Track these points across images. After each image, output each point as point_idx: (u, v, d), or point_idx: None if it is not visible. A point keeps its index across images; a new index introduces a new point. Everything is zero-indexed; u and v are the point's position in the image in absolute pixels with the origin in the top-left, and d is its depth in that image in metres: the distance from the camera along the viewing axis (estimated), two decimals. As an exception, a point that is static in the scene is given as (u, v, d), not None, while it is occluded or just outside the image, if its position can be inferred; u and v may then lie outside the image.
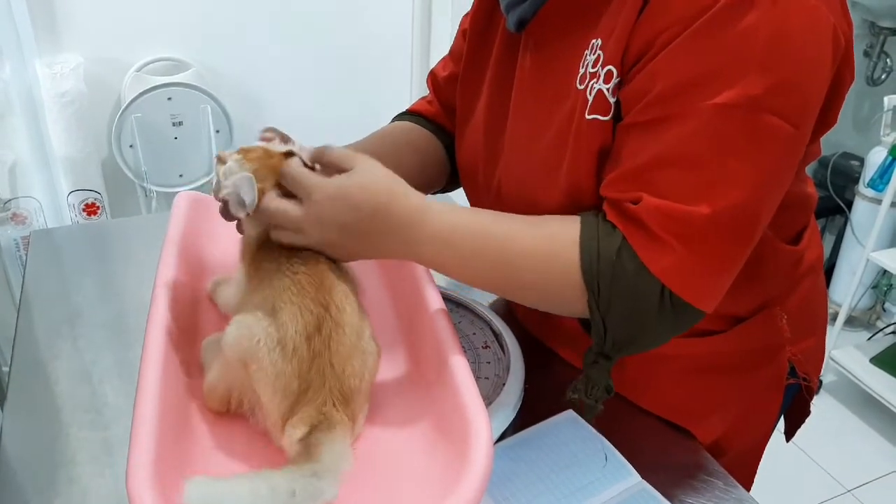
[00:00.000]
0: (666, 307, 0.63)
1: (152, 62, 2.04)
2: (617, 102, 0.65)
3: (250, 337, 0.62)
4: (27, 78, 1.88)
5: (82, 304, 1.03)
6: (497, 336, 0.86)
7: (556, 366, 0.90)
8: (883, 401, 2.12)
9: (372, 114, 2.43)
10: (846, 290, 2.32)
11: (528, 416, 0.80)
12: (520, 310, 0.95)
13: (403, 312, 0.82)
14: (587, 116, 0.67)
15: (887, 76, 2.73)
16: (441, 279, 0.81)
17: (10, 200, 1.90)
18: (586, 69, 0.68)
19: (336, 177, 0.66)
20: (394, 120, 1.02)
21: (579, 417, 0.80)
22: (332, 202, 0.65)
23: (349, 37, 2.25)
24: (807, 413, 0.95)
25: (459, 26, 0.96)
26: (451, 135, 0.96)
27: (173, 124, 2.02)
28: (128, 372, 0.89)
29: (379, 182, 0.66)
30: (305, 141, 0.71)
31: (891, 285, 2.59)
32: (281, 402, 0.62)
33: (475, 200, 0.90)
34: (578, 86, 0.69)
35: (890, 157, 2.26)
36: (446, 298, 0.93)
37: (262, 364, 0.61)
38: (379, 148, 0.92)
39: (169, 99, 1.99)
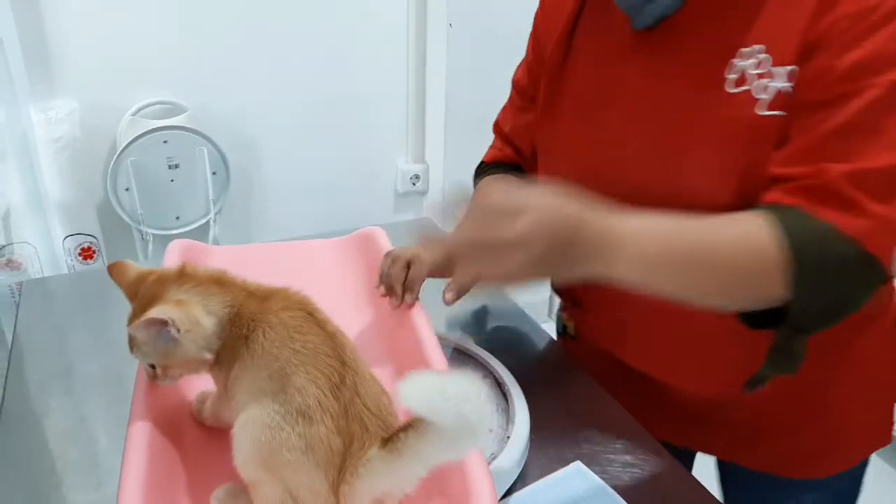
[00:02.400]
0: (863, 268, 0.64)
1: (148, 106, 2.04)
2: None
3: (262, 431, 0.57)
4: (21, 123, 1.87)
5: (74, 356, 1.01)
6: (500, 385, 0.84)
7: (561, 414, 0.88)
8: None
9: (367, 156, 2.44)
10: None
11: (534, 468, 0.78)
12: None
13: (400, 365, 0.80)
14: (763, 112, 0.69)
15: None
16: (441, 326, 0.79)
17: (4, 247, 1.88)
18: (742, 74, 0.70)
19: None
20: (480, 174, 1.03)
21: (587, 469, 0.77)
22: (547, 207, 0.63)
23: (345, 79, 2.26)
24: None
25: (518, 75, 0.99)
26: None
27: (169, 167, 2.01)
28: (120, 429, 0.86)
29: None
30: (301, 184, 0.69)
31: None
32: (327, 472, 0.56)
33: None
34: (730, 89, 0.71)
35: None
36: (448, 346, 0.91)
37: (291, 445, 0.56)
38: None
39: (165, 142, 1.98)
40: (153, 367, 0.65)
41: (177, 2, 1.98)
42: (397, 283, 0.83)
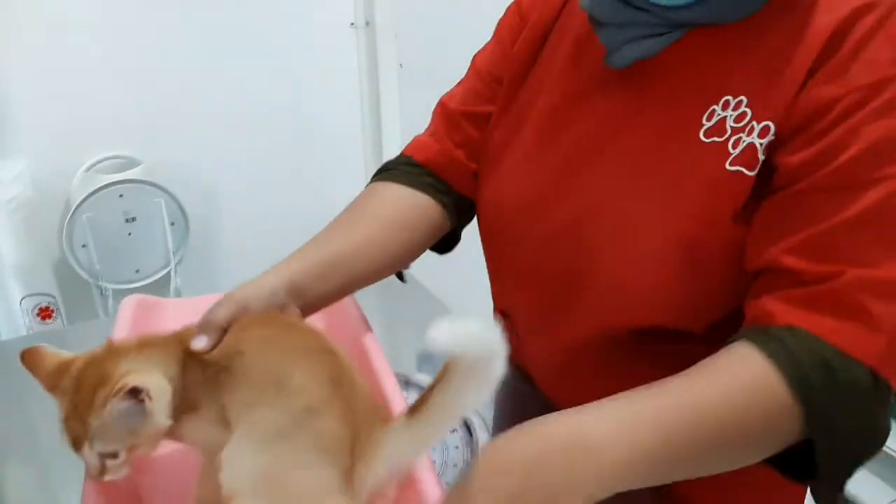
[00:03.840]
0: (881, 397, 0.57)
1: (101, 161, 2.03)
2: (765, 162, 0.64)
3: (267, 438, 0.57)
4: (-29, 187, 1.86)
5: (34, 421, 0.99)
6: (464, 419, 0.84)
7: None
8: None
9: (326, 198, 2.43)
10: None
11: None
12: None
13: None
14: (729, 167, 0.65)
15: None
16: (400, 359, 0.78)
17: (-41, 312, 1.84)
18: (723, 124, 0.66)
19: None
20: (379, 175, 0.96)
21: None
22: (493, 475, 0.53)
23: (300, 124, 2.27)
24: None
25: (483, 61, 0.91)
26: (445, 182, 0.91)
27: (126, 220, 2.00)
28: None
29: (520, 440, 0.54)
30: (263, 229, 0.68)
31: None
32: (342, 467, 0.56)
33: (505, 247, 0.85)
34: (704, 139, 0.67)
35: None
36: (409, 383, 0.91)
37: (303, 446, 0.57)
38: (356, 242, 0.89)
39: (120, 196, 1.96)
40: (112, 456, 0.59)
41: (125, 56, 1.98)
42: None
